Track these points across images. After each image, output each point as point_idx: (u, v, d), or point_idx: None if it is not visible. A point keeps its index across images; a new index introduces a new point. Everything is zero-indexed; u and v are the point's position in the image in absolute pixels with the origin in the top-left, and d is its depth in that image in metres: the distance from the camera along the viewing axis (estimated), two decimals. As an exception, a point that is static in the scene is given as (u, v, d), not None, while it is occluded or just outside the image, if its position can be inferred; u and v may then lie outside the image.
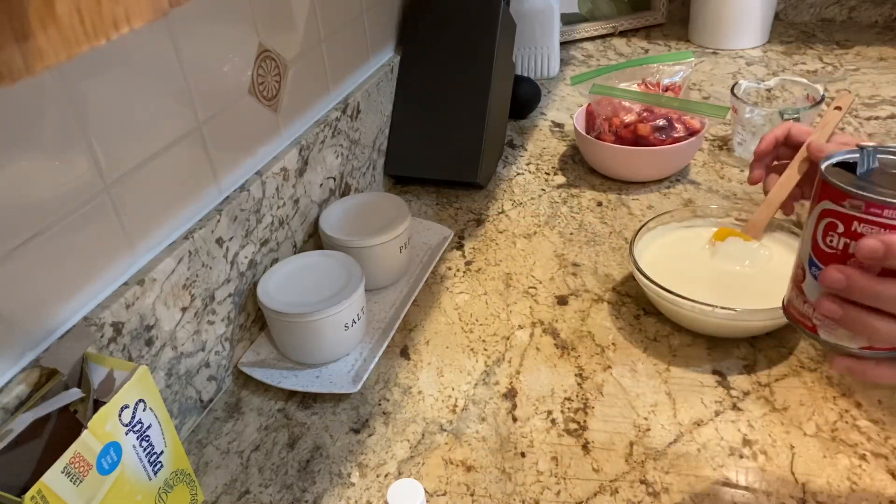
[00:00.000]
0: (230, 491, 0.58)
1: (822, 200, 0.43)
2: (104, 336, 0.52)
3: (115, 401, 0.46)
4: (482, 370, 0.68)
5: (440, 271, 0.82)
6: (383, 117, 0.96)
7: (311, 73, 0.79)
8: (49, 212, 0.48)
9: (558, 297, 0.76)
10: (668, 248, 0.74)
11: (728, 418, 0.60)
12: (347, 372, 0.67)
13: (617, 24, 1.46)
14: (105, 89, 0.52)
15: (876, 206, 0.40)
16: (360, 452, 0.61)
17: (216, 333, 0.65)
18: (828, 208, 0.43)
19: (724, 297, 0.64)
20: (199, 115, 0.62)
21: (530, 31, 1.24)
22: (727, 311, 0.62)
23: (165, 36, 0.57)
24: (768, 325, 0.65)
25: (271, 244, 0.73)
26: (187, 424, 0.63)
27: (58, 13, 0.20)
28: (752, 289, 0.67)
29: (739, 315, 0.63)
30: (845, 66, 1.23)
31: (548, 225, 0.88)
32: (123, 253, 0.55)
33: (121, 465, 0.46)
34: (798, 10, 1.44)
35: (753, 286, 0.68)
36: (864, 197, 0.40)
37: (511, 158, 1.04)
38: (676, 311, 0.67)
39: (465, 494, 0.56)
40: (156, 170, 0.58)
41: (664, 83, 0.98)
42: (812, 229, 0.44)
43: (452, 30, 0.96)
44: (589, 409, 0.63)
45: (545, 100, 1.21)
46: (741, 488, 0.54)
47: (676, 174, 0.96)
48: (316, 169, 0.80)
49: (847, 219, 0.42)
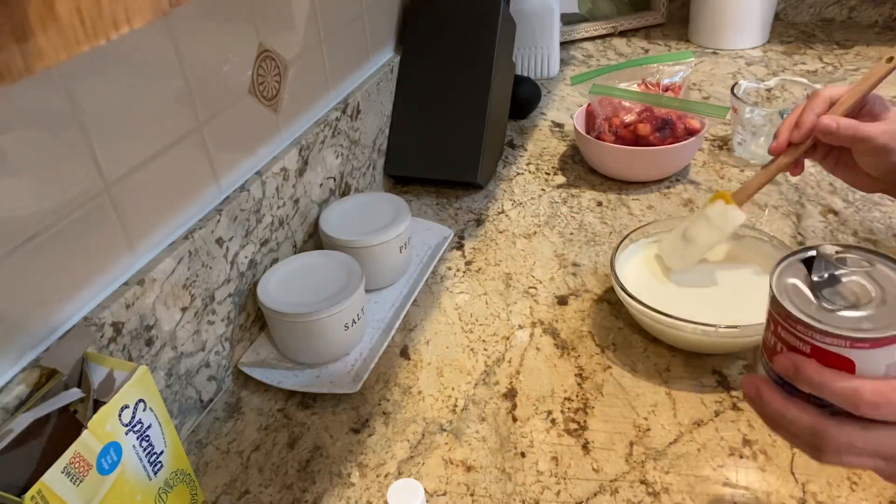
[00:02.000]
0: (230, 491, 0.58)
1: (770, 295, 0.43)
2: (104, 336, 0.52)
3: (115, 401, 0.46)
4: (482, 370, 0.68)
5: (440, 271, 0.82)
6: (383, 117, 0.96)
7: (311, 73, 0.79)
8: (49, 212, 0.48)
9: (558, 297, 0.76)
10: (649, 262, 0.73)
11: (728, 418, 0.60)
12: (347, 372, 0.67)
13: (617, 24, 1.46)
14: (105, 89, 0.52)
15: (792, 319, 0.40)
16: (360, 452, 0.61)
17: (216, 333, 0.65)
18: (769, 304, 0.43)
19: (703, 313, 0.63)
20: (199, 115, 0.62)
21: (530, 31, 1.24)
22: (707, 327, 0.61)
23: (165, 36, 0.57)
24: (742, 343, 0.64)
25: (271, 244, 0.73)
26: (187, 424, 0.63)
27: (58, 13, 0.20)
28: (728, 304, 0.67)
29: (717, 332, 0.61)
30: (845, 66, 1.23)
31: (548, 225, 0.88)
32: (123, 253, 0.55)
33: (121, 465, 0.46)
34: (798, 10, 1.44)
35: (728, 301, 0.67)
36: (785, 310, 0.40)
37: (511, 158, 1.04)
38: (660, 328, 0.66)
39: (465, 494, 0.56)
40: (156, 170, 0.58)
41: (664, 83, 0.98)
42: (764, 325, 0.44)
43: (452, 30, 0.96)
44: (589, 409, 0.63)
45: (545, 100, 1.21)
46: (741, 488, 0.54)
47: (676, 174, 0.96)
48: (316, 169, 0.80)
49: (775, 321, 0.42)
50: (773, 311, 0.42)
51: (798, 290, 0.41)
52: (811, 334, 0.39)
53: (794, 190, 0.89)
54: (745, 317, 0.62)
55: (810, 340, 0.39)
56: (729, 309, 0.65)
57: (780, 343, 0.41)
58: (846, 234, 0.81)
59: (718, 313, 0.63)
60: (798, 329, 0.40)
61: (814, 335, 0.39)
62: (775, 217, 0.85)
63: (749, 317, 0.63)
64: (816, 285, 0.41)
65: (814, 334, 0.39)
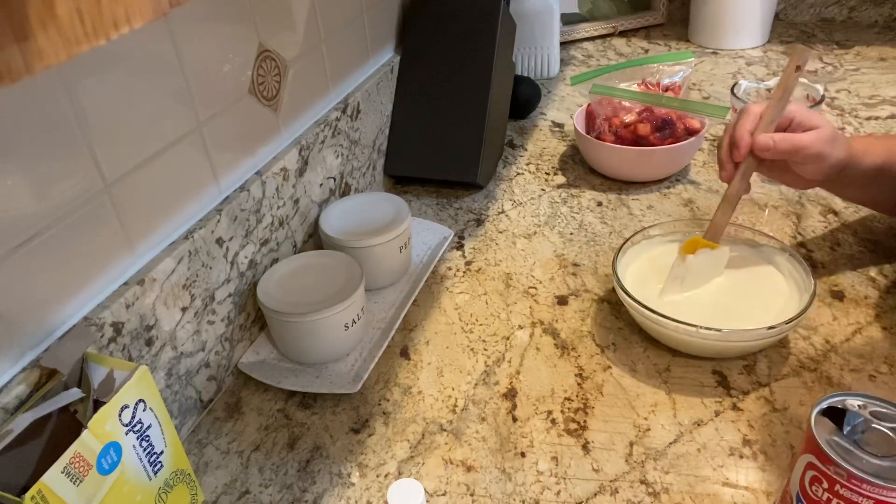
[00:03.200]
0: (230, 491, 0.58)
1: (807, 453, 0.45)
2: (104, 336, 0.52)
3: (115, 401, 0.46)
4: (482, 370, 0.68)
5: (440, 271, 0.82)
6: (383, 117, 0.96)
7: (311, 73, 0.79)
8: (49, 212, 0.48)
9: (558, 297, 0.76)
10: (652, 261, 0.73)
11: (728, 418, 0.60)
12: (347, 372, 0.67)
13: (617, 24, 1.46)
14: (105, 89, 0.52)
15: (856, 478, 0.41)
16: (360, 452, 0.61)
17: (216, 333, 0.65)
18: (813, 462, 0.44)
19: (710, 317, 0.63)
20: (199, 115, 0.62)
21: (530, 31, 1.24)
22: (711, 331, 0.61)
23: (165, 36, 0.57)
24: (749, 347, 0.64)
25: (271, 244, 0.73)
26: (187, 424, 0.63)
27: (58, 13, 0.20)
28: (738, 308, 0.66)
29: (725, 335, 0.61)
30: (845, 66, 1.23)
31: (548, 225, 0.88)
32: (123, 253, 0.55)
33: (121, 465, 0.46)
34: (798, 10, 1.44)
35: (738, 305, 0.67)
36: (845, 469, 0.42)
37: (511, 158, 1.04)
38: (661, 331, 0.66)
39: (465, 494, 0.56)
40: (156, 170, 0.58)
41: (664, 83, 0.98)
42: (800, 473, 0.46)
43: (452, 30, 0.96)
44: (589, 409, 0.63)
45: (545, 100, 1.21)
46: (741, 488, 0.54)
47: (676, 174, 0.96)
48: (316, 169, 0.80)
49: (831, 480, 0.43)
50: (824, 469, 0.43)
51: (842, 445, 0.43)
52: (877, 491, 0.41)
53: (795, 190, 0.89)
54: (745, 318, 0.62)
55: (874, 495, 0.41)
56: (730, 314, 0.65)
57: (832, 496, 0.43)
58: (846, 234, 0.81)
59: (720, 318, 0.63)
60: (863, 487, 0.41)
61: (880, 491, 0.41)
62: (775, 217, 0.85)
63: (749, 318, 0.63)
64: (852, 437, 0.43)
65: (880, 490, 0.41)
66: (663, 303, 0.67)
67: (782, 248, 0.70)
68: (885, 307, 0.70)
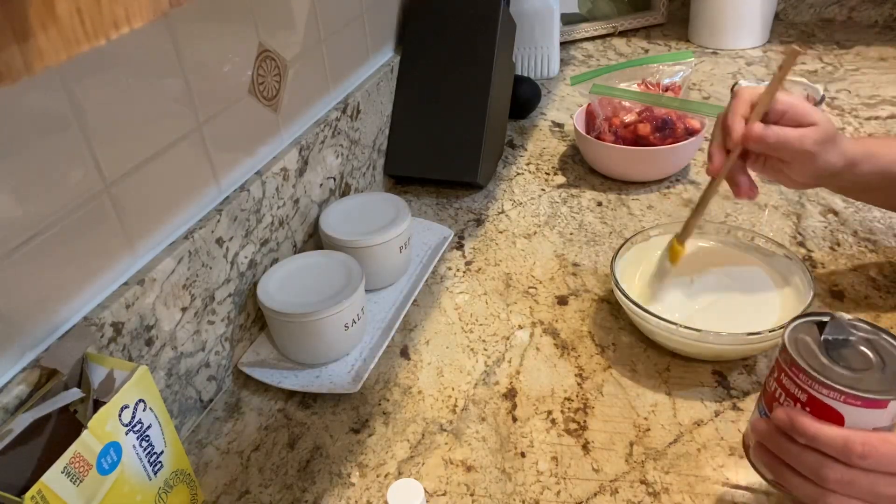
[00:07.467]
0: (230, 491, 0.58)
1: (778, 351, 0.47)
2: (104, 336, 0.52)
3: (115, 401, 0.46)
4: (482, 370, 0.68)
5: (440, 271, 0.82)
6: (383, 117, 0.96)
7: (311, 73, 0.79)
8: (49, 212, 0.48)
9: (558, 297, 0.76)
10: (652, 262, 0.72)
11: (728, 418, 0.60)
12: (347, 372, 0.67)
13: (617, 24, 1.46)
14: (105, 89, 0.52)
15: (797, 367, 0.44)
16: (360, 452, 0.61)
17: (216, 333, 0.65)
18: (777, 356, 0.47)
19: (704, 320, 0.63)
20: (199, 115, 0.62)
21: (530, 31, 1.24)
22: (691, 330, 0.61)
23: (165, 36, 0.57)
24: (732, 351, 0.64)
25: (271, 244, 0.73)
26: (187, 424, 0.63)
27: (58, 13, 0.20)
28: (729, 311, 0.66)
29: (704, 336, 0.61)
30: (845, 66, 1.23)
31: (548, 225, 0.88)
32: (123, 253, 0.55)
33: (121, 465, 0.46)
34: (798, 10, 1.44)
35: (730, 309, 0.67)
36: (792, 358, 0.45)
37: (511, 158, 1.04)
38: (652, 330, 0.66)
39: (465, 494, 0.56)
40: (156, 170, 0.58)
41: (664, 83, 0.98)
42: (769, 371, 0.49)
43: (452, 30, 0.96)
44: (589, 409, 0.63)
45: (545, 100, 1.21)
46: (741, 488, 0.54)
47: (676, 174, 0.96)
48: (316, 169, 0.80)
49: (780, 369, 0.46)
50: (779, 360, 0.46)
51: (807, 344, 0.46)
52: (810, 383, 0.43)
53: (794, 190, 0.89)
54: (744, 321, 0.62)
55: (808, 389, 0.43)
56: (728, 315, 0.65)
57: (781, 390, 0.46)
58: (846, 234, 0.81)
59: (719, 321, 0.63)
60: (800, 377, 0.44)
61: (812, 384, 0.43)
62: (775, 217, 0.85)
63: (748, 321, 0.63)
64: (825, 344, 0.45)
65: (813, 384, 0.43)
66: (662, 307, 0.67)
67: (781, 249, 0.70)
68: (885, 307, 0.70)
